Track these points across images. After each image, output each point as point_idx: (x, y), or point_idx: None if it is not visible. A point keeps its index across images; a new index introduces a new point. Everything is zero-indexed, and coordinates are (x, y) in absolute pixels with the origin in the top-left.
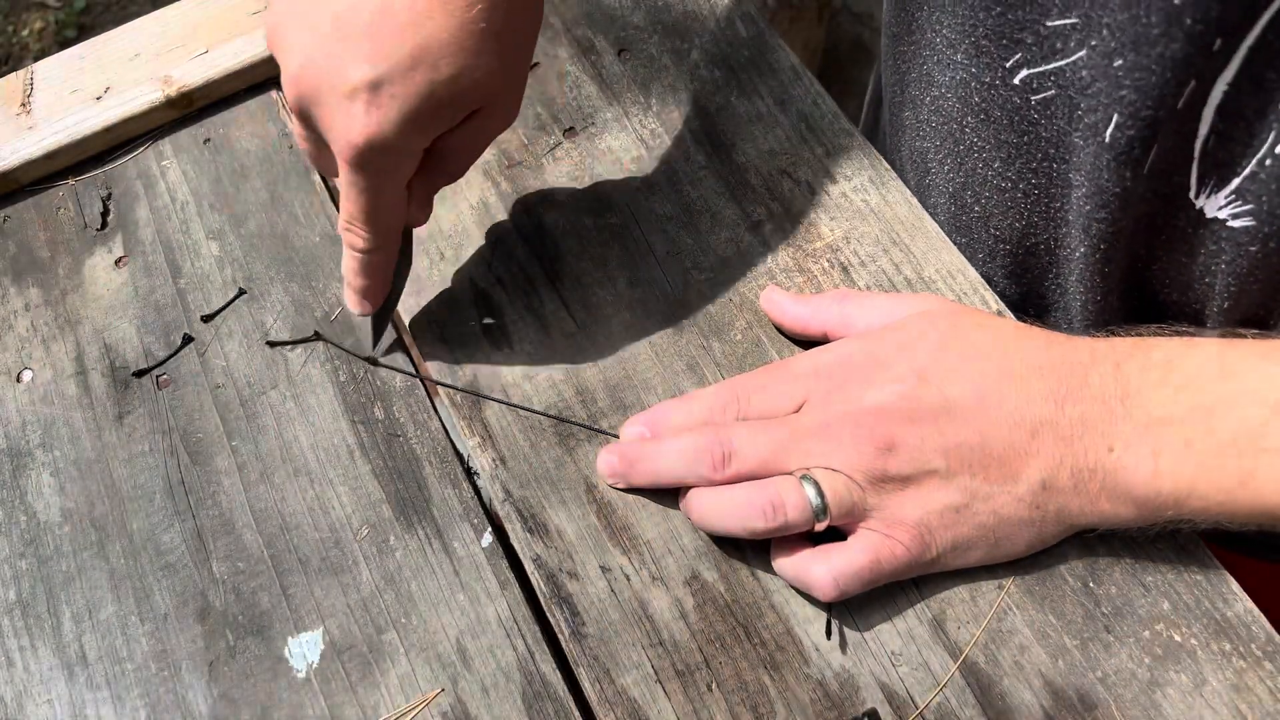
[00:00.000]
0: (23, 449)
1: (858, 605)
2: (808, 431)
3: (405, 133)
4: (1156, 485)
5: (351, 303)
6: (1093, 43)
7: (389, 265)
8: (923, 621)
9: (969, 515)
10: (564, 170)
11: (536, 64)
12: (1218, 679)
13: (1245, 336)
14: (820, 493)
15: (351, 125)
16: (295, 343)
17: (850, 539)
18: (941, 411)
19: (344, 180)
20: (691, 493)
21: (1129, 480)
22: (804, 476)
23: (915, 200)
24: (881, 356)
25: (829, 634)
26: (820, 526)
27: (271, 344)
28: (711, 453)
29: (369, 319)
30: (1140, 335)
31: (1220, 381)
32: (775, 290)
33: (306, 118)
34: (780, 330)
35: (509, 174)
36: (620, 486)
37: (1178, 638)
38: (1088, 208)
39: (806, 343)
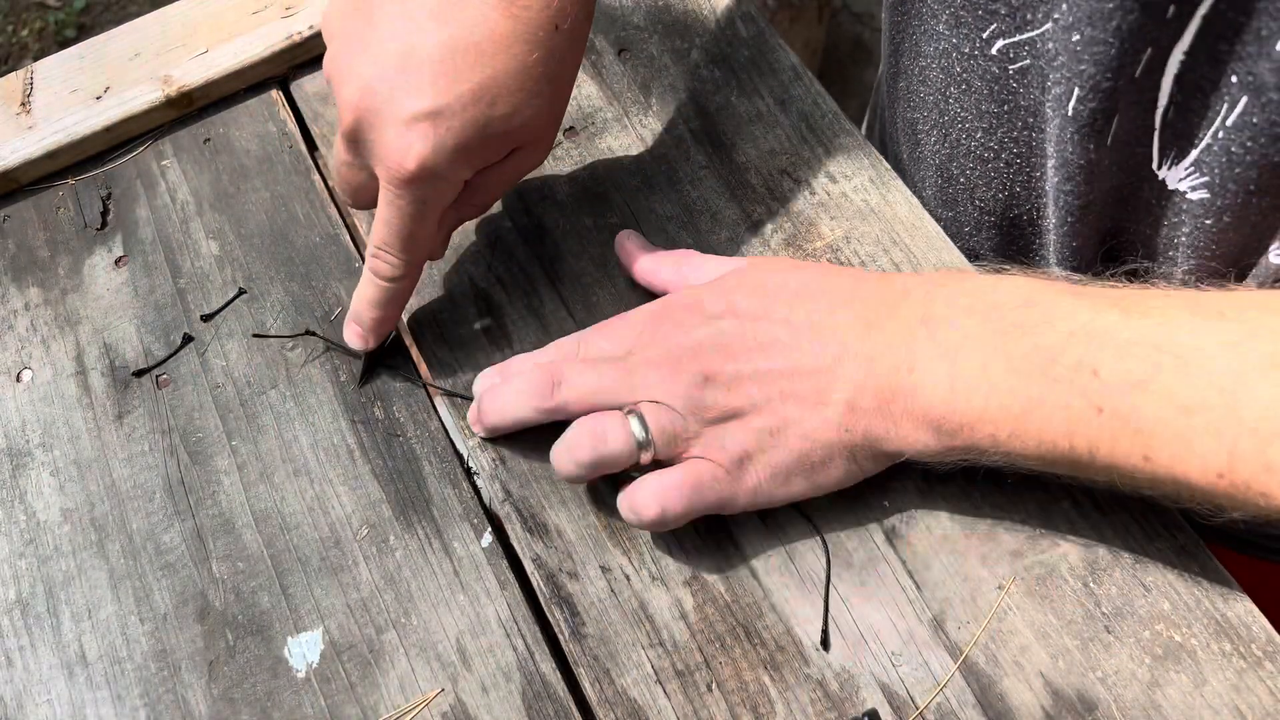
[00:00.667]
0: (22, 448)
1: (858, 605)
2: (633, 368)
3: (456, 162)
4: (952, 405)
5: (355, 337)
6: (1055, 16)
7: (407, 297)
8: (923, 621)
9: (783, 440)
10: (564, 170)
11: None
12: (1218, 679)
13: (1059, 279)
14: (645, 425)
15: (408, 150)
16: (282, 337)
17: (672, 467)
18: (755, 345)
19: (385, 205)
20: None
21: (927, 400)
22: (630, 412)
23: (915, 200)
24: (703, 301)
25: (825, 644)
26: (646, 457)
27: (258, 335)
28: (541, 382)
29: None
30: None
31: (1021, 310)
32: (631, 236)
33: (357, 143)
34: (627, 277)
35: None
36: (482, 434)
37: (1178, 638)
38: (1056, 179)
39: None
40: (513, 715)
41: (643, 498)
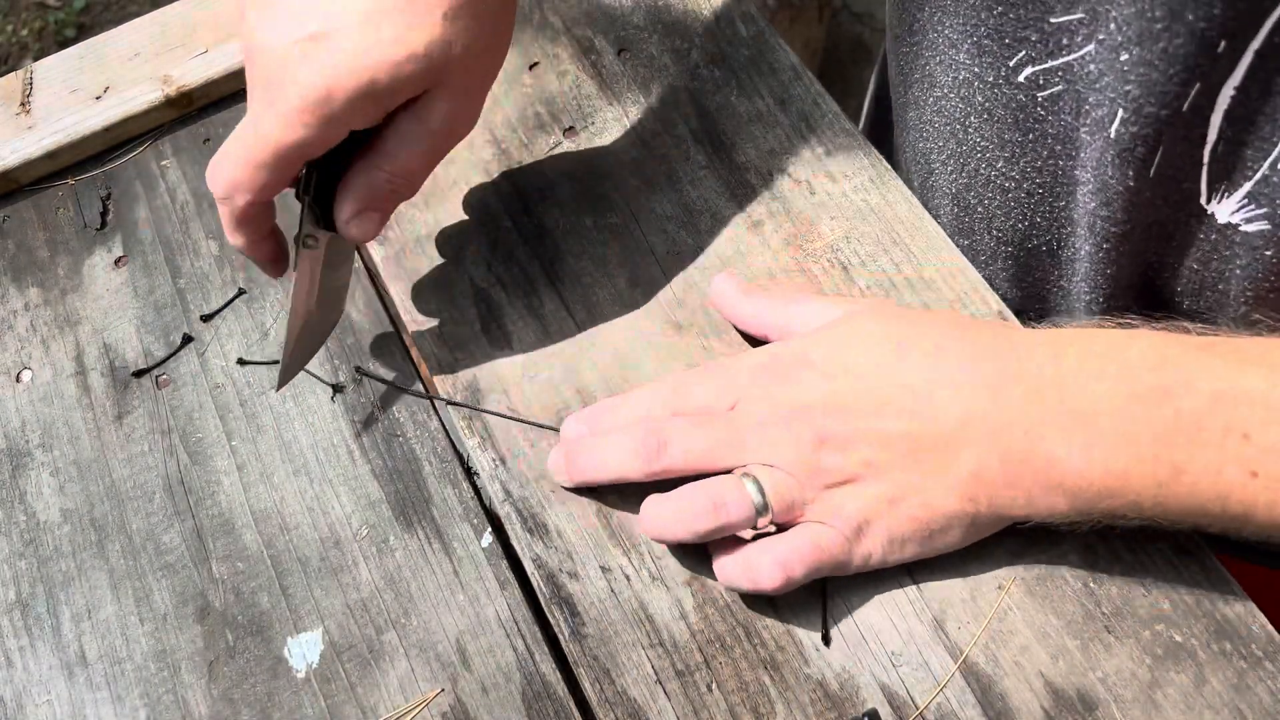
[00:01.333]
0: (22, 449)
1: (858, 605)
2: (743, 428)
3: (330, 89)
4: (1089, 476)
5: (260, 269)
6: (1100, 36)
7: (257, 224)
8: (923, 621)
9: (903, 508)
10: (564, 170)
11: (536, 63)
12: (1218, 679)
13: (1190, 331)
14: (761, 490)
15: (279, 68)
16: (264, 364)
17: (789, 531)
18: (872, 407)
19: (247, 120)
20: (643, 504)
21: (1061, 471)
22: (744, 475)
23: (915, 200)
24: (813, 356)
25: (826, 640)
26: (763, 523)
27: (242, 362)
28: (646, 443)
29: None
30: (1082, 327)
31: (1158, 372)
32: (726, 280)
33: (249, 67)
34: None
35: (509, 173)
36: (566, 485)
37: (1178, 638)
38: (1092, 205)
39: None
40: (513, 715)
41: (764, 564)
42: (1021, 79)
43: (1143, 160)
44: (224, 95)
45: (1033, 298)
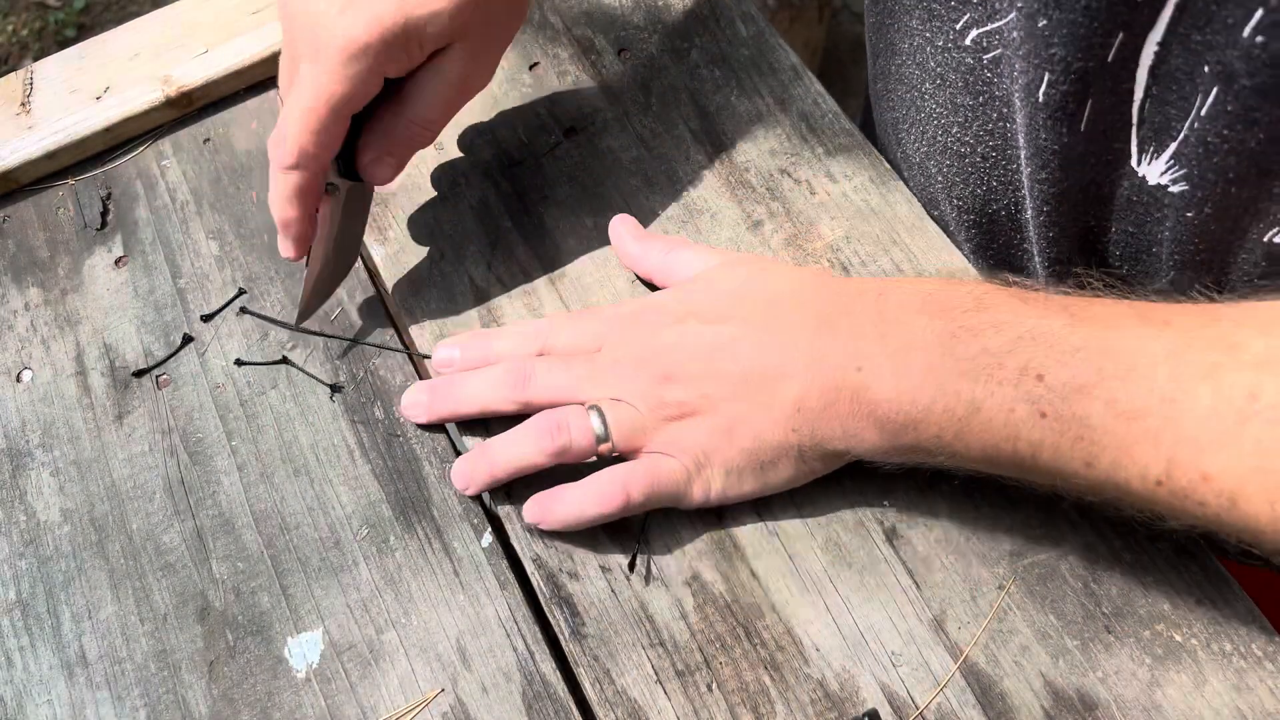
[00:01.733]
0: (23, 449)
1: (858, 605)
2: (602, 366)
3: (369, 40)
4: (897, 405)
5: (281, 245)
6: (1019, 4)
7: (311, 197)
8: (923, 621)
9: (735, 438)
10: (564, 170)
11: (536, 63)
12: (1218, 679)
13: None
14: (603, 418)
15: (322, 27)
16: (262, 364)
17: (633, 460)
18: (714, 346)
19: (295, 85)
20: (493, 440)
21: (872, 399)
22: (591, 407)
23: (915, 200)
24: (671, 306)
25: (632, 567)
26: (605, 449)
27: (240, 363)
28: (514, 374)
29: (305, 283)
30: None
31: (972, 314)
32: (621, 223)
33: (289, 36)
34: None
35: (509, 173)
36: (423, 420)
37: (1178, 638)
38: (1029, 169)
39: None
40: (513, 715)
41: (607, 484)
42: (969, 41)
43: (1072, 116)
44: (224, 95)
45: (999, 267)
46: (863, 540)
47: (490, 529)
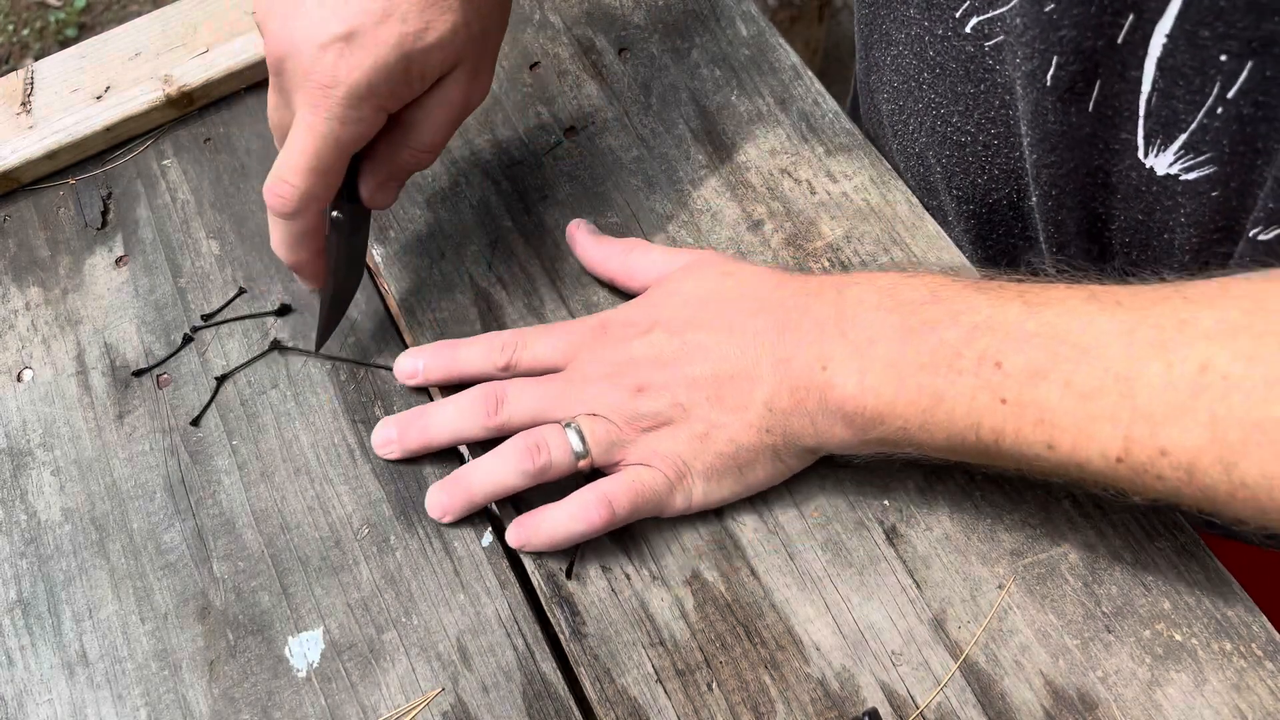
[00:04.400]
0: (23, 448)
1: (858, 604)
2: (574, 383)
3: (372, 82)
4: (862, 401)
5: (302, 282)
6: None
7: (312, 237)
8: (923, 621)
9: (712, 443)
10: (564, 170)
11: (536, 63)
12: (1218, 679)
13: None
14: (582, 436)
15: (321, 70)
16: (250, 362)
17: (612, 473)
18: (683, 355)
19: (293, 130)
20: (472, 463)
21: (839, 396)
22: (567, 424)
23: (915, 200)
24: (637, 318)
25: (570, 575)
26: (584, 464)
27: (231, 372)
28: (485, 399)
29: (322, 309)
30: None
31: (930, 306)
32: (578, 227)
33: (280, 75)
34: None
35: (509, 173)
36: (395, 456)
37: (1178, 637)
38: (1033, 155)
39: None
40: (513, 715)
41: (592, 501)
42: (969, 29)
43: (1080, 96)
44: (224, 95)
45: (1000, 257)
46: (863, 539)
47: (490, 528)
